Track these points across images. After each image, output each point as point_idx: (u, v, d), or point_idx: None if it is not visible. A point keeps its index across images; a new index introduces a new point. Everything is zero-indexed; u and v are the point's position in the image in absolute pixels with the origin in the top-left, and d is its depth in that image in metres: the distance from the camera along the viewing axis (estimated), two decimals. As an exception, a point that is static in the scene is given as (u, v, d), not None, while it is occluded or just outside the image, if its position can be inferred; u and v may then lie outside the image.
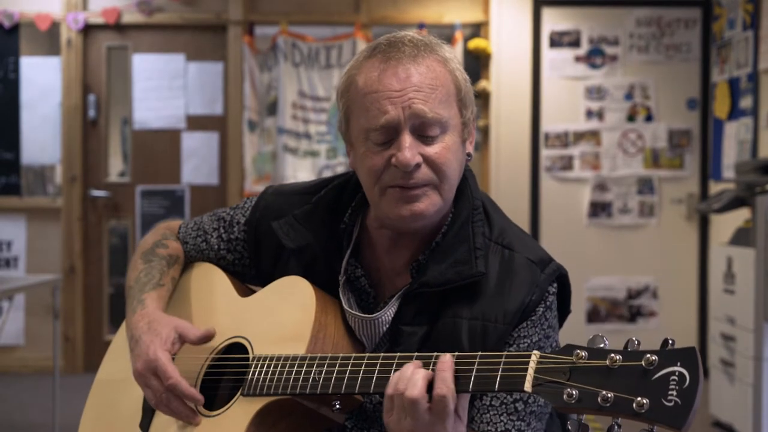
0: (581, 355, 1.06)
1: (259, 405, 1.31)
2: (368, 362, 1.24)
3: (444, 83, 1.34)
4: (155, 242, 1.61)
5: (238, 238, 1.56)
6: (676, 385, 0.99)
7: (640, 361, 1.02)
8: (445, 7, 5.56)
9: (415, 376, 1.16)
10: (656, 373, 1.01)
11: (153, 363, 1.36)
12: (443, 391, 1.14)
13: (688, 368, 1.00)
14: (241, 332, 1.43)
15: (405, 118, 1.30)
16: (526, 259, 1.37)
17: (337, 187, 1.49)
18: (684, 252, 5.55)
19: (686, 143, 5.53)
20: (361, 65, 1.36)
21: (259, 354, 1.36)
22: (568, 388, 1.05)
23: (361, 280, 1.43)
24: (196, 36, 5.61)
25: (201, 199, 5.57)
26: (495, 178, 5.53)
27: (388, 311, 1.37)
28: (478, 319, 1.33)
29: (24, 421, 4.42)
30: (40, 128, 5.56)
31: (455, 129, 1.35)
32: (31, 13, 5.44)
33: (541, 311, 1.35)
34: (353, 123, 1.36)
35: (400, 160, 1.30)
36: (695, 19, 5.53)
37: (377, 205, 1.37)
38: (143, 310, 1.46)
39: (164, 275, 1.55)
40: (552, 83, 5.53)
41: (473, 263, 1.34)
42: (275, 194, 1.56)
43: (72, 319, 5.50)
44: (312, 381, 1.27)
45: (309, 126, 5.48)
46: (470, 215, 1.40)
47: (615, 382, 1.03)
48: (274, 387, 1.30)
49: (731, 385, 4.15)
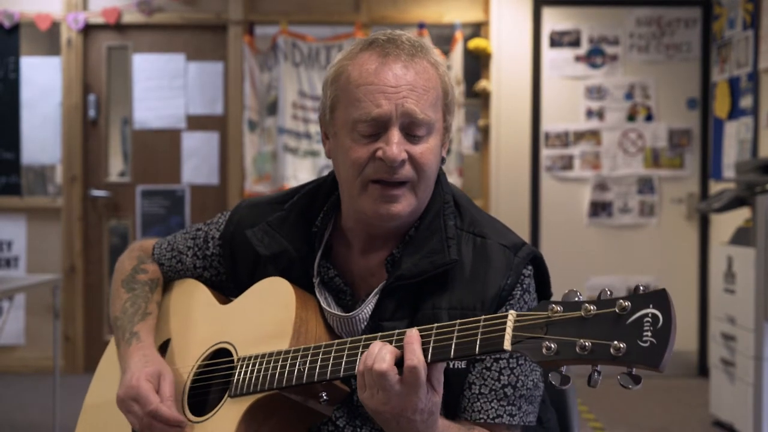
0: (556, 309, 1.09)
1: (247, 404, 1.32)
2: (351, 346, 1.25)
3: (435, 86, 1.36)
4: (133, 268, 1.62)
5: (213, 254, 1.57)
6: (650, 326, 1.02)
7: (614, 307, 1.05)
8: (445, 7, 5.56)
9: (383, 351, 1.18)
10: (630, 317, 1.04)
11: (134, 390, 1.37)
12: (413, 362, 1.15)
13: (660, 309, 1.03)
14: (224, 338, 1.44)
15: (397, 115, 1.32)
16: (499, 245, 1.39)
17: (309, 192, 1.50)
18: (684, 252, 5.55)
19: (686, 143, 5.53)
20: (356, 57, 1.36)
21: (244, 355, 1.37)
22: (546, 341, 1.07)
23: (336, 280, 1.44)
24: (196, 36, 5.61)
25: (201, 199, 5.57)
26: (495, 178, 5.53)
27: (365, 308, 1.39)
28: (456, 308, 1.34)
29: (24, 421, 4.43)
30: (41, 128, 5.56)
31: (438, 132, 1.38)
32: (32, 13, 5.44)
33: (519, 294, 1.37)
34: (339, 112, 1.37)
35: (388, 155, 1.31)
36: (695, 18, 5.53)
37: (355, 199, 1.38)
38: (139, 343, 1.48)
39: (149, 302, 1.56)
40: (552, 83, 5.53)
41: (446, 252, 1.36)
42: (249, 206, 1.57)
43: (72, 319, 5.50)
44: (297, 372, 1.28)
45: (309, 126, 5.48)
46: (441, 208, 1.42)
47: (591, 330, 1.05)
48: (260, 384, 1.31)
49: (732, 384, 4.15)
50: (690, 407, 4.69)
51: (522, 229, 5.40)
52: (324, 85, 1.41)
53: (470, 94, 5.69)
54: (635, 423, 4.43)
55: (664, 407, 4.74)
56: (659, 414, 4.61)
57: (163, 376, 1.40)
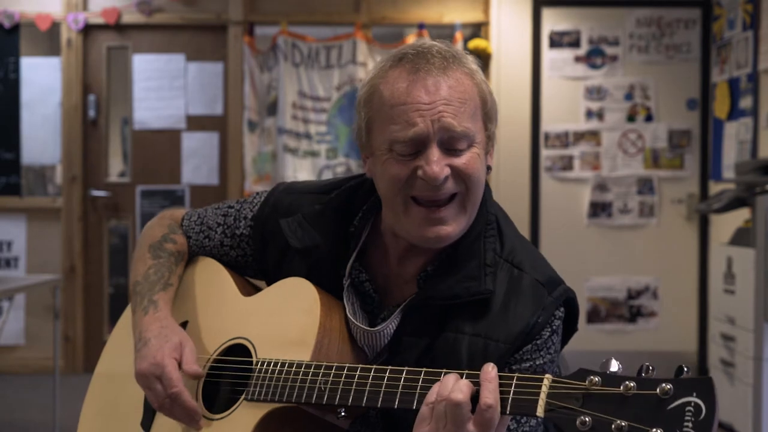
0: (595, 381, 1.04)
1: (264, 411, 1.30)
2: (375, 374, 1.22)
3: (472, 96, 1.32)
4: (163, 236, 1.58)
5: (243, 234, 1.54)
6: (692, 416, 0.97)
7: (655, 390, 1.00)
8: (445, 7, 5.56)
9: (460, 383, 1.12)
10: (671, 403, 0.99)
11: (159, 368, 1.35)
12: (490, 401, 1.09)
13: (703, 399, 0.98)
14: (243, 333, 1.42)
15: (434, 132, 1.28)
16: (534, 280, 1.34)
17: (350, 190, 1.47)
18: (684, 252, 5.55)
19: (686, 143, 5.54)
20: (387, 75, 1.32)
21: (263, 358, 1.35)
22: (581, 415, 1.02)
23: (366, 285, 1.41)
24: (196, 36, 5.61)
25: (201, 199, 5.56)
26: (495, 178, 5.53)
27: (390, 324, 1.36)
28: (480, 336, 1.30)
29: (24, 421, 4.43)
30: (40, 128, 5.57)
31: (480, 142, 1.33)
32: (32, 13, 5.44)
33: (547, 335, 1.32)
34: (375, 134, 1.33)
35: (429, 174, 1.27)
36: (695, 19, 5.53)
37: (398, 218, 1.34)
38: (156, 313, 1.45)
39: (173, 274, 1.53)
40: (552, 83, 5.53)
41: (482, 280, 1.32)
42: (286, 191, 1.53)
43: (72, 319, 5.50)
44: (318, 390, 1.25)
45: (309, 126, 5.49)
46: (483, 230, 1.38)
47: (629, 411, 1.00)
48: (279, 394, 1.29)
49: (731, 385, 4.15)
50: (689, 408, 4.69)
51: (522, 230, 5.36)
52: (357, 106, 1.37)
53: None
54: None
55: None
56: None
57: (184, 345, 1.39)
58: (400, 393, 1.19)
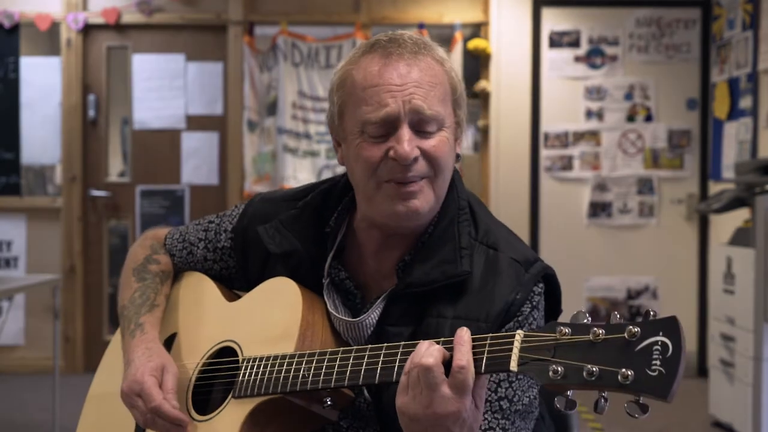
0: (564, 332, 1.07)
1: (251, 406, 1.32)
2: (356, 355, 1.24)
3: (441, 82, 1.35)
4: (146, 257, 1.61)
5: (225, 247, 1.57)
6: (660, 354, 1.00)
7: (623, 333, 1.03)
8: (445, 7, 5.56)
9: (431, 348, 1.14)
10: (639, 344, 1.02)
11: (138, 385, 1.37)
12: (462, 363, 1.12)
13: (670, 337, 1.01)
14: (230, 336, 1.44)
15: (405, 113, 1.31)
16: (510, 259, 1.37)
17: (323, 192, 1.49)
18: (684, 252, 5.55)
19: (686, 143, 5.54)
20: (359, 60, 1.36)
21: (249, 356, 1.36)
22: (553, 364, 1.05)
23: (346, 282, 1.43)
24: (196, 36, 5.61)
25: (201, 199, 5.57)
26: (495, 178, 5.53)
27: (372, 314, 1.38)
28: (461, 318, 1.32)
29: (24, 421, 4.43)
30: (40, 128, 5.57)
31: (450, 127, 1.37)
32: (31, 13, 5.44)
33: (527, 311, 1.34)
34: (348, 117, 1.36)
35: (400, 153, 1.30)
36: (695, 19, 5.53)
37: (371, 200, 1.36)
38: (143, 336, 1.47)
39: (159, 294, 1.56)
40: (552, 83, 5.53)
41: (458, 263, 1.34)
42: (263, 201, 1.56)
43: (72, 319, 5.50)
44: (302, 377, 1.27)
45: (309, 126, 5.49)
46: (456, 215, 1.40)
47: (599, 355, 1.04)
48: (264, 387, 1.30)
49: (731, 385, 4.15)
50: (689, 408, 4.69)
51: (521, 230, 5.40)
52: (330, 93, 1.40)
53: (470, 95, 5.61)
54: (634, 424, 4.43)
55: (663, 408, 4.71)
56: (658, 415, 4.60)
57: (166, 369, 1.40)
58: (380, 368, 1.21)
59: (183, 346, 1.50)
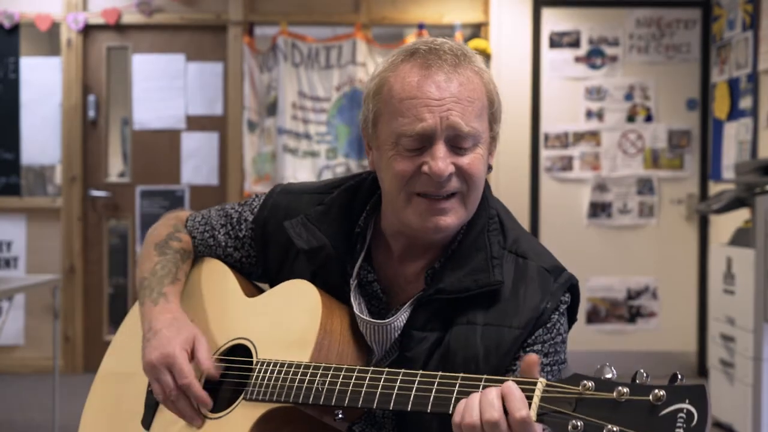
0: (588, 386, 1.04)
1: (262, 411, 1.31)
2: (372, 376, 1.23)
3: (480, 96, 1.33)
4: (168, 234, 1.59)
5: (245, 236, 1.55)
6: (684, 422, 0.98)
7: (648, 396, 1.00)
8: (445, 8, 5.56)
9: (488, 396, 1.10)
10: (664, 410, 0.99)
11: (170, 358, 1.35)
12: (524, 413, 1.07)
13: (696, 406, 0.99)
14: (245, 334, 1.43)
15: (442, 129, 1.29)
16: (540, 267, 1.37)
17: (351, 189, 1.47)
18: (684, 252, 5.55)
19: (686, 144, 5.54)
20: (397, 68, 1.33)
21: (263, 358, 1.35)
22: (573, 419, 1.03)
23: (374, 285, 1.42)
24: (196, 36, 5.61)
25: (201, 199, 5.57)
26: (495, 179, 5.53)
27: (400, 317, 1.36)
28: (492, 325, 1.32)
29: (24, 421, 4.43)
30: (40, 128, 5.56)
31: (485, 142, 1.36)
32: (32, 14, 5.44)
33: (556, 318, 1.35)
34: (382, 126, 1.34)
35: (434, 171, 1.28)
36: (695, 19, 5.53)
37: (399, 212, 1.35)
38: (167, 305, 1.45)
39: (179, 270, 1.54)
40: (552, 84, 5.53)
41: (491, 272, 1.34)
42: (284, 193, 1.54)
43: (72, 319, 5.50)
44: (315, 391, 1.26)
45: (309, 126, 5.49)
46: (486, 224, 1.40)
47: (621, 416, 1.01)
48: (277, 394, 1.29)
49: (731, 385, 4.15)
50: (689, 408, 4.69)
51: (521, 230, 5.38)
52: (366, 97, 1.38)
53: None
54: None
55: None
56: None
57: (197, 340, 1.39)
58: (395, 395, 1.19)
59: None
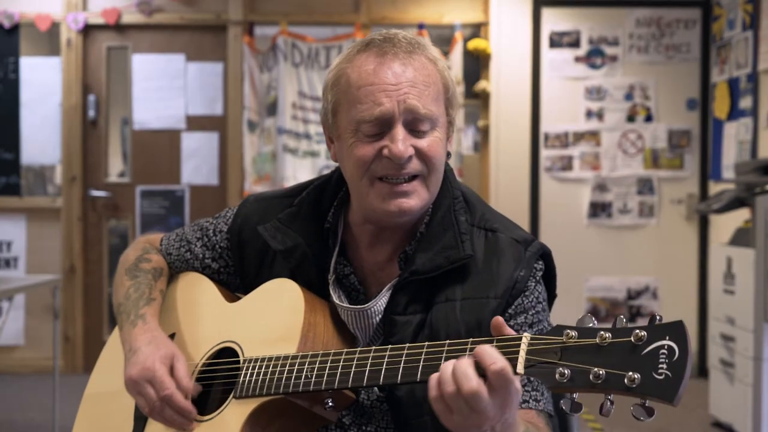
0: (571, 335, 1.08)
1: (252, 406, 1.32)
2: (360, 356, 1.25)
3: (435, 81, 1.37)
4: (137, 258, 1.62)
5: (222, 247, 1.58)
6: (666, 358, 1.01)
7: (630, 336, 1.04)
8: (445, 7, 5.56)
9: (461, 367, 1.10)
10: (646, 348, 1.03)
11: (150, 372, 1.36)
12: (498, 365, 1.08)
13: (676, 341, 1.02)
14: (230, 337, 1.44)
15: (399, 112, 1.33)
16: (510, 238, 1.41)
17: (318, 188, 1.51)
18: (684, 252, 5.55)
19: (686, 143, 5.54)
20: (354, 59, 1.37)
21: (250, 356, 1.36)
22: (560, 367, 1.06)
23: (351, 277, 1.45)
24: (196, 36, 5.61)
25: (201, 199, 5.57)
26: (495, 178, 5.53)
27: (379, 301, 1.39)
28: (470, 298, 1.35)
29: (24, 421, 4.43)
30: (40, 128, 5.57)
31: (442, 126, 1.39)
32: (31, 14, 5.44)
33: (533, 285, 1.39)
34: (342, 115, 1.37)
35: (394, 152, 1.32)
36: (695, 19, 5.53)
37: (363, 197, 1.38)
38: (145, 325, 1.47)
39: (153, 289, 1.56)
40: (552, 83, 5.53)
41: (460, 247, 1.37)
42: (256, 201, 1.57)
43: (72, 319, 5.50)
44: (304, 379, 1.28)
45: (309, 126, 5.49)
46: (451, 204, 1.43)
47: (606, 359, 1.04)
48: (266, 387, 1.31)
49: (731, 385, 4.15)
50: (689, 408, 4.69)
51: (521, 230, 5.38)
52: (324, 90, 1.42)
53: (470, 95, 5.69)
54: (634, 424, 4.43)
55: (663, 408, 4.71)
56: (658, 415, 4.55)
57: (176, 358, 1.40)
58: (384, 370, 1.22)
59: (182, 346, 1.50)
